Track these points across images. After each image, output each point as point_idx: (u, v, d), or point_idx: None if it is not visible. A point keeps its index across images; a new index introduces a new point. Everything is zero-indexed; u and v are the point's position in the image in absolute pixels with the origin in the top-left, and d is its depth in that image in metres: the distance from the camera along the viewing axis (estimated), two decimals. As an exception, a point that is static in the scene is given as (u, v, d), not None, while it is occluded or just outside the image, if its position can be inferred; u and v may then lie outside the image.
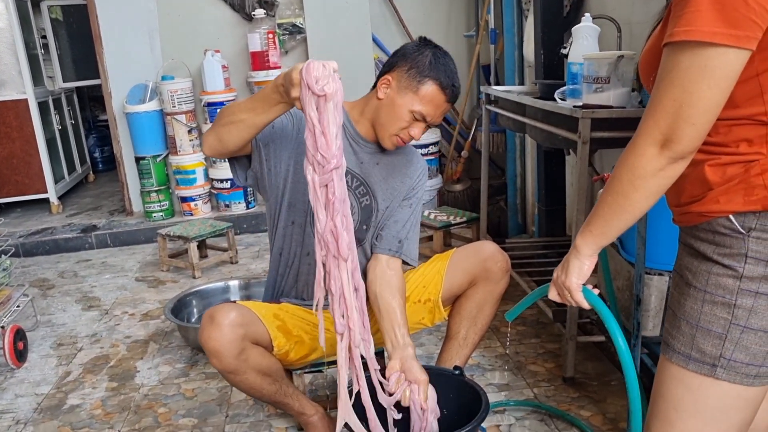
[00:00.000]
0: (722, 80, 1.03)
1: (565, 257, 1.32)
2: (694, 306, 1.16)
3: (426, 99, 1.83)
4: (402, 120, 1.85)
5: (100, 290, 3.80)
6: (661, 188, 1.13)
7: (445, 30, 5.14)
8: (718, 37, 1.00)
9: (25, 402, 2.59)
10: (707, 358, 1.14)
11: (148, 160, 4.74)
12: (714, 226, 1.14)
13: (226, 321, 1.78)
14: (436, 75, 1.82)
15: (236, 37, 4.81)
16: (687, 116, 1.05)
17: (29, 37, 5.28)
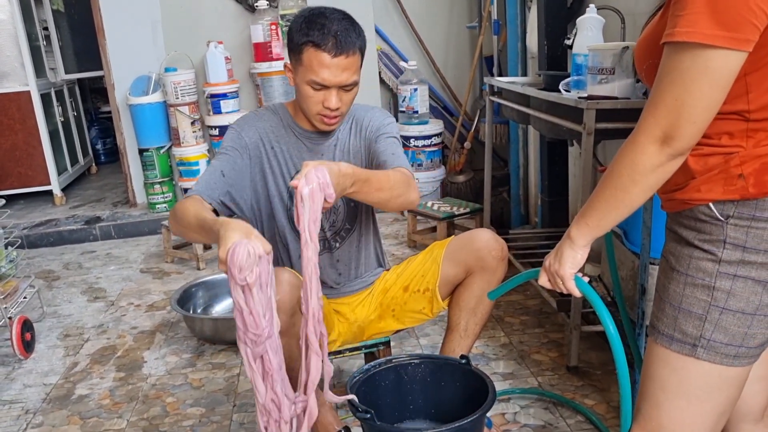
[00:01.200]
0: (722, 80, 1.06)
1: (557, 245, 1.35)
2: (676, 289, 1.21)
3: (310, 65, 1.76)
4: (309, 97, 1.81)
5: (105, 281, 3.82)
6: (658, 183, 1.16)
7: (448, 21, 5.14)
8: (719, 40, 1.03)
9: (34, 392, 2.61)
10: (688, 339, 1.19)
11: (151, 151, 4.75)
12: (695, 213, 1.18)
13: (285, 280, 1.78)
14: (308, 38, 1.74)
15: (239, 28, 4.81)
16: (688, 114, 1.08)
17: (31, 29, 5.27)
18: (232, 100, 4.68)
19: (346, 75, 1.77)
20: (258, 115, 1.97)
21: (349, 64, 1.77)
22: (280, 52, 4.65)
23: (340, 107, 1.82)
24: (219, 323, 2.90)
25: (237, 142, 1.91)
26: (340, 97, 1.81)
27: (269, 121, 1.96)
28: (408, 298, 2.09)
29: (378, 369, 1.87)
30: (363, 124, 2.01)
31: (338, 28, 1.74)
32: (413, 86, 4.58)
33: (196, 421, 2.33)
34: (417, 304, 2.09)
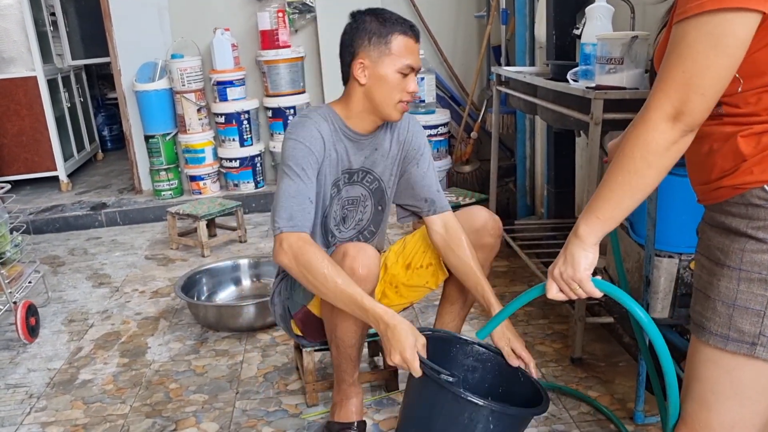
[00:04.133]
0: (729, 47, 1.03)
1: (564, 250, 1.28)
2: (729, 285, 1.14)
3: (402, 51, 1.84)
4: (396, 85, 1.85)
5: (110, 267, 3.83)
6: (672, 163, 1.12)
7: (456, 10, 5.11)
8: (722, 2, 1.00)
9: (38, 376, 2.62)
10: (746, 337, 1.12)
11: (157, 138, 4.75)
12: (747, 198, 1.11)
13: (374, 253, 1.83)
14: (393, 27, 1.84)
15: (246, 15, 4.79)
16: (696, 86, 1.05)
17: (38, 15, 5.27)
18: (238, 88, 4.67)
19: (420, 59, 1.91)
20: (314, 123, 1.91)
21: (419, 48, 1.91)
22: (287, 39, 4.63)
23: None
24: (223, 310, 2.90)
25: (310, 159, 1.86)
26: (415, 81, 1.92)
27: (325, 129, 1.92)
28: (411, 275, 2.16)
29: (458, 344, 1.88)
30: (405, 136, 2.06)
31: (404, 18, 1.88)
32: (420, 75, 4.56)
33: (198, 408, 2.34)
34: (421, 279, 2.16)
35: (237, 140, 4.73)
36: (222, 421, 2.25)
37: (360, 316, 1.72)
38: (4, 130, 5.19)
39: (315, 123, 1.90)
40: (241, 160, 4.76)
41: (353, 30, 1.87)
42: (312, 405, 2.28)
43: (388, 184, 2.08)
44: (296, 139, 1.87)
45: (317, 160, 1.87)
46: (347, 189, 2.02)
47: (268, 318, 2.81)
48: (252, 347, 2.73)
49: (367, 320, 1.71)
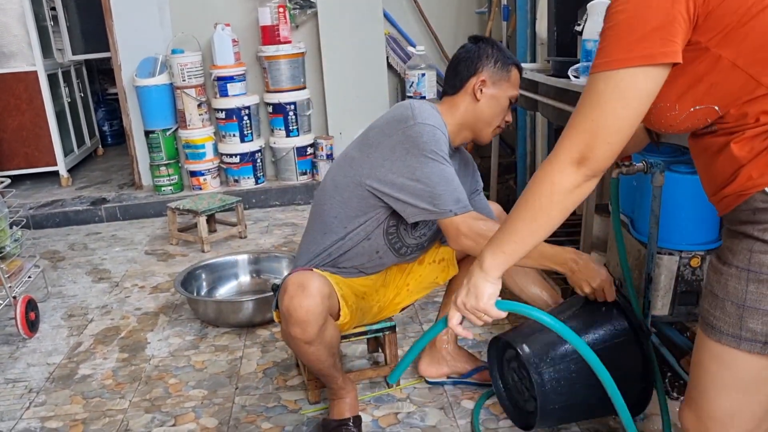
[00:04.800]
0: (634, 100, 1.10)
1: (468, 281, 1.34)
2: (738, 286, 1.15)
3: (515, 83, 2.00)
4: (504, 110, 1.99)
5: (110, 263, 3.83)
6: (575, 204, 1.20)
7: (457, 6, 5.10)
8: (623, 62, 1.09)
9: (37, 371, 2.62)
10: (759, 337, 1.13)
11: (157, 133, 4.74)
12: (751, 203, 1.13)
13: (317, 290, 1.79)
14: (513, 61, 1.99)
15: (246, 10, 4.78)
16: (603, 135, 1.12)
17: (39, 9, 5.25)
18: (239, 83, 4.66)
19: None
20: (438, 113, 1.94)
21: None
22: (288, 35, 4.62)
23: None
24: (222, 306, 2.90)
25: (444, 146, 1.87)
26: None
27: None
28: (423, 270, 2.18)
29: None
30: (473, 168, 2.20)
31: None
32: (421, 71, 4.54)
33: (198, 403, 2.34)
34: (431, 275, 2.19)
35: (237, 136, 4.72)
36: (221, 416, 2.25)
37: (542, 265, 1.78)
38: (5, 125, 5.18)
39: (438, 115, 1.94)
40: (242, 156, 4.75)
41: (479, 50, 1.97)
42: (314, 402, 2.28)
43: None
44: (433, 125, 1.86)
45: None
46: None
47: (268, 314, 2.81)
48: (251, 343, 2.73)
49: (551, 267, 1.77)
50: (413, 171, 1.81)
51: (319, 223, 2.03)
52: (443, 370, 2.33)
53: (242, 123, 4.70)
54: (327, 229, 2.00)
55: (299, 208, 4.72)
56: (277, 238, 4.07)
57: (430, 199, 1.80)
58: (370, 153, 1.91)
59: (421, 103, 1.94)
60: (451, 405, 2.24)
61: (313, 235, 2.05)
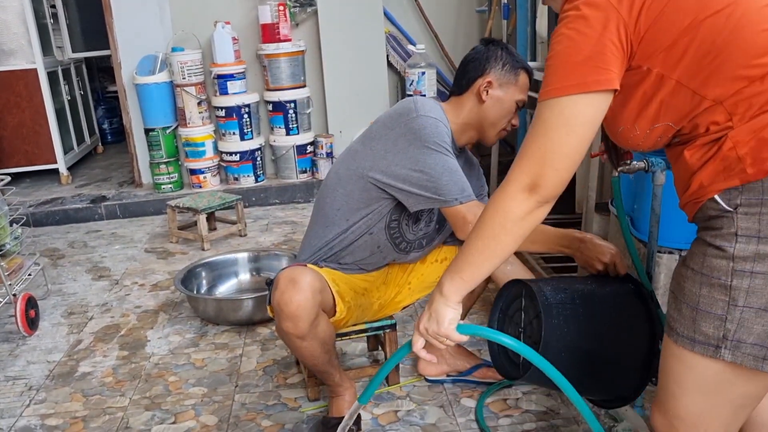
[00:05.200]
0: (578, 127, 1.14)
1: (429, 307, 1.35)
2: (692, 288, 1.17)
3: (523, 87, 2.00)
4: (509, 113, 2.00)
5: (109, 261, 3.83)
6: (527, 231, 1.22)
7: (457, 5, 5.10)
8: (562, 90, 1.14)
9: (37, 369, 2.62)
10: (711, 340, 1.14)
11: (157, 131, 4.74)
12: (705, 210, 1.15)
13: (308, 285, 1.80)
14: (522, 65, 2.00)
15: (247, 8, 4.78)
16: (551, 162, 1.16)
17: (39, 6, 5.25)
18: (239, 81, 4.66)
19: None
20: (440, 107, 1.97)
21: None
22: (288, 33, 4.62)
23: None
24: (222, 304, 2.90)
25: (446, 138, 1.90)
26: None
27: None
28: (425, 270, 2.19)
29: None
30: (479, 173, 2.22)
31: None
32: (421, 70, 4.54)
33: (198, 401, 2.34)
34: (434, 274, 2.19)
35: (237, 134, 4.72)
36: (221, 414, 2.25)
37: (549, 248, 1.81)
38: (4, 123, 5.18)
39: (440, 108, 1.96)
40: (242, 154, 4.75)
41: (488, 52, 1.98)
42: (314, 399, 2.28)
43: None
44: (435, 118, 1.88)
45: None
46: None
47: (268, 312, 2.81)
48: (251, 341, 2.74)
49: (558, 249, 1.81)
50: (416, 162, 1.83)
51: (322, 216, 2.03)
52: (443, 368, 2.33)
53: (242, 121, 4.70)
54: (329, 222, 2.01)
55: (299, 206, 4.72)
56: (277, 236, 4.07)
57: (434, 189, 1.82)
58: (372, 145, 1.92)
59: (425, 98, 1.97)
60: (450, 403, 2.24)
61: (315, 229, 2.06)
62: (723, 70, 1.09)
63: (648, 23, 1.12)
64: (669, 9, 1.11)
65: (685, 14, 1.10)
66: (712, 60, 1.10)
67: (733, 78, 1.09)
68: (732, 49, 1.09)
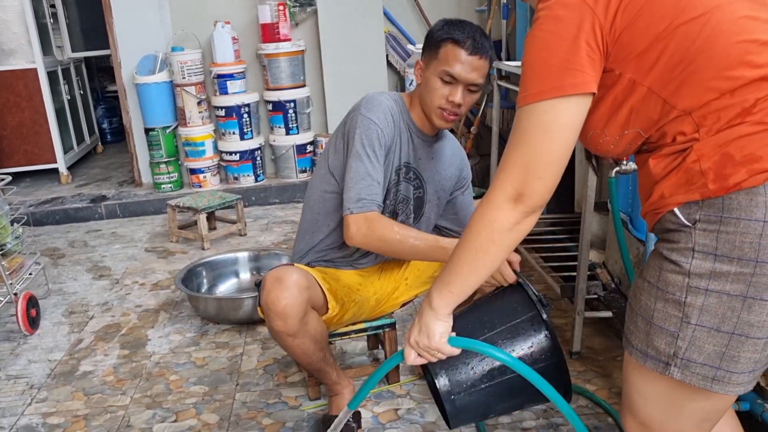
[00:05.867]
0: (557, 132, 1.10)
1: (419, 320, 1.34)
2: (648, 302, 1.15)
3: (446, 58, 1.84)
4: (437, 89, 1.86)
5: (110, 260, 3.83)
6: (515, 242, 1.19)
7: (457, 4, 5.11)
8: (538, 95, 1.10)
9: (39, 368, 2.63)
10: (662, 356, 1.12)
11: (157, 131, 4.75)
12: (663, 222, 1.13)
13: (293, 283, 1.81)
14: (449, 35, 1.84)
15: (246, 8, 4.79)
16: (533, 170, 1.12)
17: (38, 6, 5.25)
18: (238, 81, 4.67)
19: (475, 75, 1.84)
20: (387, 104, 1.95)
21: (480, 66, 1.84)
22: (287, 33, 4.63)
23: (462, 106, 1.88)
24: (223, 303, 2.91)
25: (381, 140, 1.89)
26: (464, 95, 1.87)
27: (396, 113, 1.97)
28: (421, 264, 2.18)
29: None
30: (461, 163, 2.14)
31: (477, 32, 1.85)
32: (421, 70, 4.55)
33: (199, 399, 2.35)
34: (430, 269, 2.19)
35: (237, 133, 4.73)
36: (222, 412, 2.26)
37: (444, 257, 1.73)
38: (4, 122, 5.18)
39: (388, 105, 1.94)
40: (241, 154, 4.76)
41: (428, 34, 1.95)
42: (314, 398, 2.29)
43: (431, 199, 2.08)
44: (370, 118, 1.88)
45: (387, 143, 1.91)
46: (403, 184, 2.03)
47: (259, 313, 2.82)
48: (252, 340, 2.75)
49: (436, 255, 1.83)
50: (344, 164, 1.90)
51: (306, 221, 2.08)
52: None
53: (242, 121, 4.71)
54: (315, 228, 2.05)
55: (299, 205, 4.72)
56: (277, 235, 4.08)
57: (343, 194, 1.86)
58: (330, 142, 2.00)
59: (380, 94, 1.96)
60: (450, 401, 2.25)
61: (302, 234, 2.10)
62: (694, 80, 1.06)
63: (624, 25, 1.09)
64: (645, 12, 1.08)
65: (661, 19, 1.07)
66: (684, 68, 1.07)
67: (703, 89, 1.06)
68: (704, 59, 1.06)
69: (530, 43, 1.14)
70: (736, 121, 1.05)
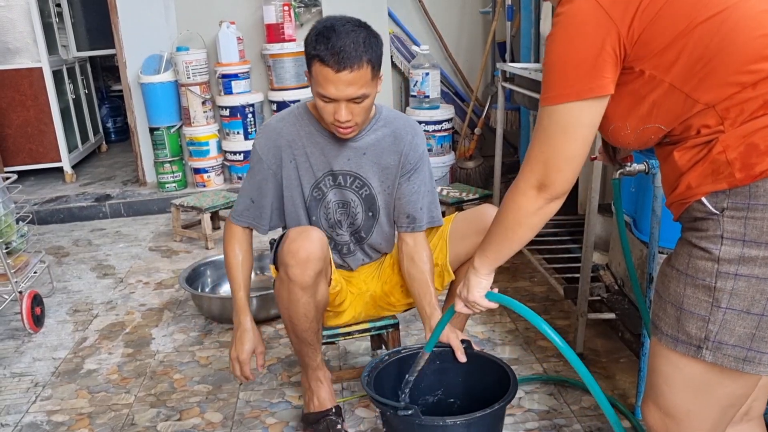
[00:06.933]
0: (576, 132, 1.19)
1: (465, 277, 1.52)
2: (677, 289, 1.18)
3: (317, 79, 1.75)
4: (321, 108, 1.81)
5: (114, 259, 3.85)
6: (541, 224, 1.31)
7: (461, 5, 5.11)
8: (557, 98, 1.18)
9: (43, 366, 2.64)
10: (693, 340, 1.16)
11: (161, 130, 4.76)
12: (691, 212, 1.16)
13: (318, 238, 1.85)
14: (316, 51, 1.73)
15: (251, 8, 4.80)
16: (553, 165, 1.22)
17: (44, 5, 5.27)
18: (243, 81, 4.68)
19: (353, 89, 1.74)
20: (278, 126, 1.96)
21: (354, 79, 1.73)
22: (292, 33, 4.64)
23: (352, 119, 1.81)
24: (227, 302, 2.92)
25: (260, 166, 1.98)
26: (351, 109, 1.79)
27: (290, 129, 1.95)
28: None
29: (383, 364, 1.86)
30: (404, 148, 1.99)
31: (344, 42, 1.71)
32: (425, 71, 4.57)
33: (203, 398, 2.36)
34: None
35: (241, 133, 4.74)
36: (226, 411, 2.27)
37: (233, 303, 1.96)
38: (9, 121, 5.20)
39: (276, 129, 1.96)
40: (246, 154, 4.76)
41: (305, 40, 1.82)
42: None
43: (380, 191, 2.02)
44: (255, 145, 1.99)
45: (269, 167, 1.96)
46: (335, 192, 2.01)
47: (272, 310, 2.83)
48: (255, 339, 2.75)
49: (234, 309, 1.96)
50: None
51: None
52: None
53: (246, 121, 4.72)
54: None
55: (302, 205, 4.73)
56: (281, 235, 4.08)
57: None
58: None
59: (282, 112, 2.02)
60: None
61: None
62: (716, 75, 1.10)
63: (642, 27, 1.12)
64: (664, 13, 1.11)
65: (680, 18, 1.11)
66: (705, 64, 1.10)
67: (725, 83, 1.10)
68: (725, 55, 1.09)
69: (550, 46, 1.19)
70: (760, 112, 1.09)
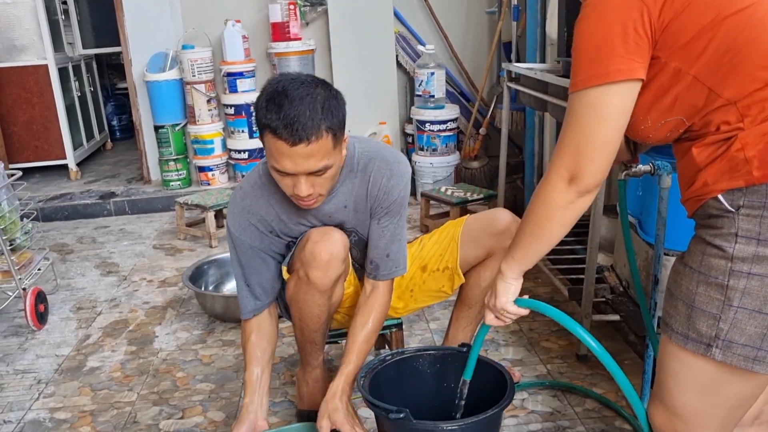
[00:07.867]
0: (608, 117, 1.15)
1: (493, 284, 1.47)
2: (689, 286, 1.18)
3: (270, 152, 1.58)
4: (279, 180, 1.66)
5: (118, 256, 3.85)
6: (572, 219, 1.26)
7: (467, 5, 5.10)
8: (587, 81, 1.15)
9: (46, 363, 2.64)
10: (703, 338, 1.15)
11: (166, 128, 4.76)
12: (706, 209, 1.16)
13: (340, 240, 1.80)
14: (267, 120, 1.54)
15: (257, 7, 4.80)
16: (585, 153, 1.18)
17: (50, 3, 5.28)
18: (248, 79, 4.68)
19: (312, 162, 1.57)
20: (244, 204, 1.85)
21: (312, 151, 1.55)
22: (298, 32, 4.64)
23: (314, 191, 1.65)
24: (230, 301, 2.91)
25: (239, 246, 1.88)
26: (312, 182, 1.62)
27: (258, 204, 1.84)
28: (427, 278, 2.12)
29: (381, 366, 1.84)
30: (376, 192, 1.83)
31: (298, 111, 1.52)
32: (430, 70, 4.55)
33: (205, 397, 2.35)
34: (436, 283, 2.12)
35: (246, 132, 4.74)
36: (228, 410, 2.27)
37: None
38: (15, 118, 5.21)
39: (244, 208, 1.84)
40: (250, 152, 4.76)
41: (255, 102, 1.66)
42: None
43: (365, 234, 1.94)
44: (228, 227, 1.88)
45: (250, 246, 1.87)
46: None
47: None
48: (258, 338, 2.75)
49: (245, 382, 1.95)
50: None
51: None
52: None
53: (251, 119, 4.71)
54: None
55: (307, 204, 4.72)
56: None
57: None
58: None
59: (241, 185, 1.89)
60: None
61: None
62: (741, 70, 1.10)
63: (671, 15, 1.12)
64: (694, 3, 1.11)
65: (709, 10, 1.11)
66: (731, 58, 1.10)
67: (750, 79, 1.09)
68: (751, 49, 1.09)
69: (579, 31, 1.18)
70: None
